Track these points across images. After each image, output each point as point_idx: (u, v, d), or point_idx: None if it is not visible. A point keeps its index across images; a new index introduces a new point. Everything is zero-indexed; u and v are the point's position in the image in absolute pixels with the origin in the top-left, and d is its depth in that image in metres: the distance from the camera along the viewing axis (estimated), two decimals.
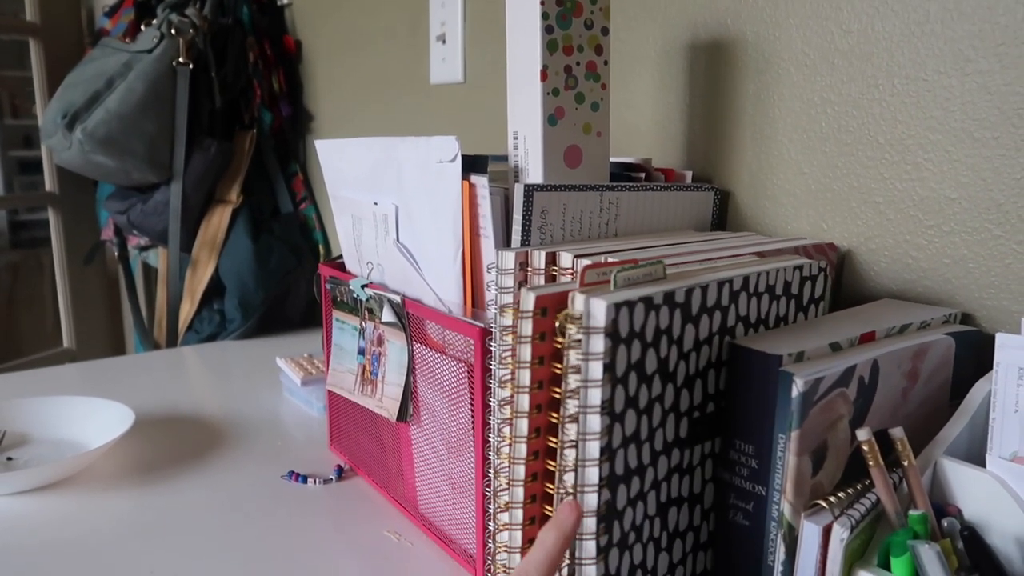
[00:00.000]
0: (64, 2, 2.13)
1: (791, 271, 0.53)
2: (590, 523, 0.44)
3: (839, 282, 0.69)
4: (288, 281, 1.41)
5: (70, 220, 2.13)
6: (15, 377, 1.13)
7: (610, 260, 0.53)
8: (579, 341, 0.42)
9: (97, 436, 0.86)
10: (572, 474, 0.43)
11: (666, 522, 0.48)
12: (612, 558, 0.45)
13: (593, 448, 0.42)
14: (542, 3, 0.63)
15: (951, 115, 0.60)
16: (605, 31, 0.67)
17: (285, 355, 1.11)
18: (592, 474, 0.43)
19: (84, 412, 0.90)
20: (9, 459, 0.83)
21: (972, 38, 0.58)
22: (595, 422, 0.42)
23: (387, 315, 0.71)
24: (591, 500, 0.43)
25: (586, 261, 0.55)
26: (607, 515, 0.44)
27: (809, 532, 0.44)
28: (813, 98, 0.69)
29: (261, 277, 1.37)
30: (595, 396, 0.42)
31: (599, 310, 0.41)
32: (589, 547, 0.44)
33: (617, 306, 0.41)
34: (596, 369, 0.42)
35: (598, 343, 0.41)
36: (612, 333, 0.41)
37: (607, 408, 0.42)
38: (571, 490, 0.43)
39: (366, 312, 0.75)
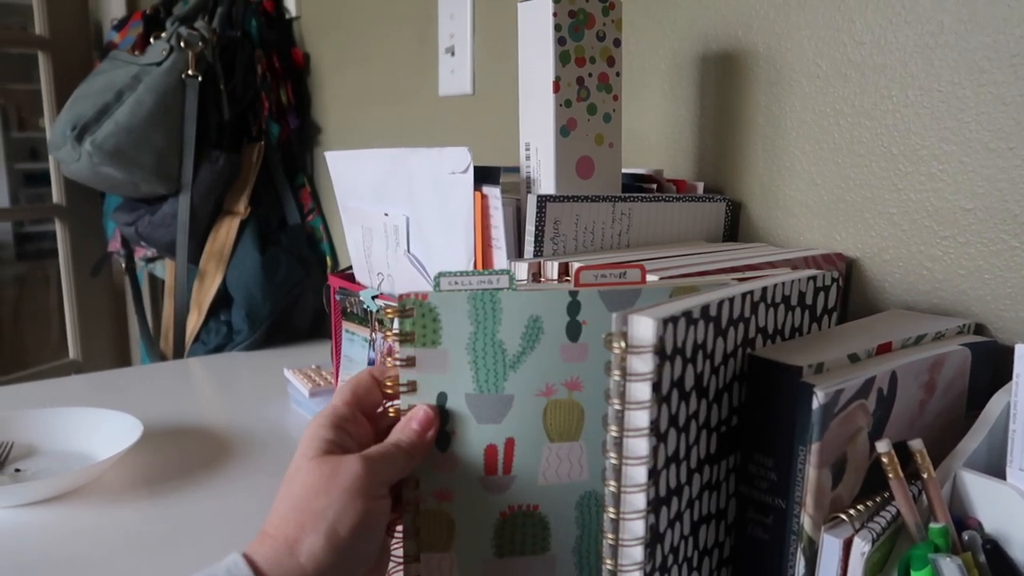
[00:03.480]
0: (72, 16, 2.14)
1: (805, 282, 0.53)
2: (636, 553, 0.42)
3: (847, 293, 0.69)
4: (295, 292, 1.41)
5: (77, 232, 2.13)
6: (22, 388, 1.12)
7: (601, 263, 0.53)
8: (626, 360, 0.40)
9: (105, 447, 0.86)
10: (614, 499, 0.41)
11: (697, 540, 0.47)
12: None
13: (640, 473, 0.41)
14: (554, 15, 0.63)
15: (966, 126, 0.59)
16: (617, 43, 0.67)
17: (292, 366, 1.10)
18: (639, 500, 0.41)
19: (92, 423, 0.89)
20: (17, 471, 0.83)
21: (986, 49, 0.58)
22: (642, 445, 0.40)
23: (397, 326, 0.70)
24: (638, 528, 0.41)
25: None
26: (652, 540, 0.42)
27: (829, 545, 0.44)
28: (825, 109, 0.69)
29: (268, 288, 1.37)
30: (643, 418, 0.40)
31: (647, 328, 0.39)
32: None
33: (666, 322, 0.40)
34: (644, 390, 0.40)
35: (647, 362, 0.40)
36: (660, 351, 0.40)
37: (654, 429, 0.41)
38: (613, 516, 0.42)
39: (376, 323, 0.75)
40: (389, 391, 0.46)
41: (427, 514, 0.47)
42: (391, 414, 0.46)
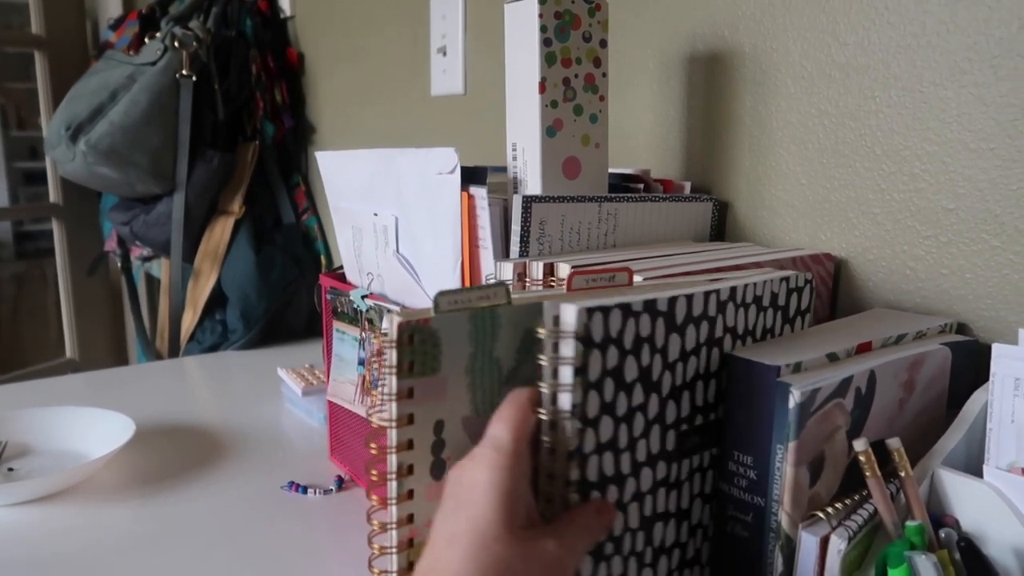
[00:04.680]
0: (69, 15, 2.14)
1: (778, 282, 0.53)
2: None
3: (836, 292, 0.69)
4: (290, 292, 1.41)
5: (74, 231, 2.14)
6: (17, 388, 1.13)
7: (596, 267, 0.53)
8: (552, 346, 0.41)
9: (98, 447, 0.86)
10: (547, 479, 0.42)
11: (651, 537, 0.47)
12: (585, 567, 0.43)
13: (562, 452, 0.42)
14: (540, 16, 0.64)
15: (947, 126, 0.60)
16: (603, 44, 0.68)
17: (286, 365, 1.11)
18: (560, 480, 0.42)
19: (85, 423, 0.90)
20: (10, 470, 0.83)
21: (967, 50, 0.58)
22: (566, 428, 0.41)
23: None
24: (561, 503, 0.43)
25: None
26: None
27: (807, 543, 0.44)
28: (810, 110, 0.70)
29: (263, 288, 1.38)
30: (565, 401, 0.41)
31: (569, 314, 0.41)
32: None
33: (590, 310, 0.41)
34: (566, 374, 0.41)
35: (568, 348, 0.41)
36: (584, 337, 0.41)
37: (577, 413, 0.41)
38: (549, 496, 0.42)
39: (366, 323, 0.75)
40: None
41: (421, 546, 0.45)
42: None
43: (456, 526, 0.37)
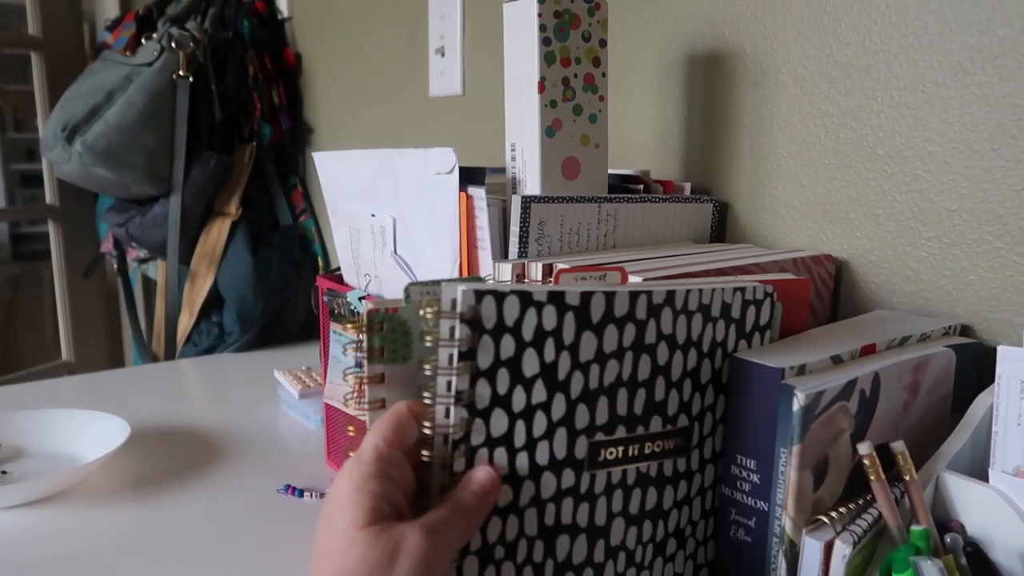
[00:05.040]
0: (66, 16, 2.14)
1: (731, 292, 0.48)
2: None
3: (837, 294, 0.69)
4: (287, 294, 1.41)
5: (70, 233, 2.13)
6: (12, 390, 1.12)
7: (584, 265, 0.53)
8: (439, 327, 0.39)
9: (93, 449, 0.85)
10: (428, 465, 0.40)
11: (553, 550, 0.43)
12: (469, 567, 0.41)
13: (440, 438, 0.40)
14: (539, 15, 0.63)
15: (950, 127, 0.59)
16: (603, 43, 0.67)
17: (283, 368, 1.10)
18: (440, 468, 0.40)
19: (80, 425, 0.89)
20: (3, 472, 0.82)
21: (970, 50, 0.58)
22: (452, 413, 0.40)
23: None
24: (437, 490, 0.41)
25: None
26: None
27: (810, 548, 0.44)
28: (811, 110, 0.69)
29: (260, 290, 1.37)
30: (450, 384, 0.39)
31: (458, 295, 0.39)
32: None
33: (479, 293, 0.39)
34: (447, 356, 0.39)
35: (450, 330, 0.39)
36: (471, 320, 0.39)
37: (463, 400, 0.39)
38: (431, 484, 0.40)
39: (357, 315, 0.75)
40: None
41: None
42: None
43: (320, 544, 0.37)
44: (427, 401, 0.40)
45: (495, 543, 0.42)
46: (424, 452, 0.40)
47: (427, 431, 0.40)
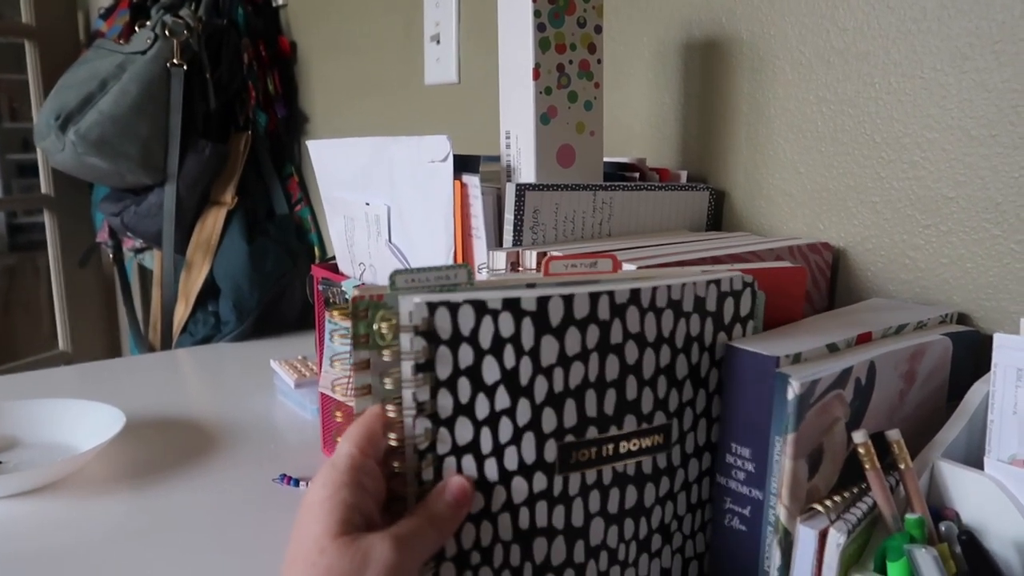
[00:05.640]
0: (60, 4, 2.12)
1: (703, 286, 0.47)
2: None
3: (834, 282, 0.68)
4: (283, 283, 1.40)
5: (66, 223, 2.12)
6: (7, 380, 1.12)
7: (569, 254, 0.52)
8: (395, 341, 0.40)
9: (88, 439, 0.85)
10: (398, 479, 0.41)
11: (531, 553, 0.43)
12: (446, 573, 0.41)
13: (410, 449, 0.40)
14: (534, 1, 0.63)
15: (948, 113, 0.59)
16: (598, 29, 0.67)
17: (279, 357, 1.10)
18: (412, 478, 0.41)
19: (75, 415, 0.89)
20: None
21: (969, 35, 0.57)
22: (417, 424, 0.40)
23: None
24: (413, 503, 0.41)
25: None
26: None
27: (805, 537, 0.44)
28: (809, 97, 0.69)
29: (256, 279, 1.36)
30: (408, 397, 0.40)
31: (411, 307, 0.39)
32: None
33: (432, 305, 0.39)
34: (408, 368, 0.39)
35: (409, 342, 0.39)
36: (427, 332, 0.39)
37: (426, 411, 0.40)
38: (402, 493, 0.40)
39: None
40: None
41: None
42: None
43: (293, 550, 0.38)
44: (391, 414, 0.40)
45: (470, 549, 0.42)
46: (395, 463, 0.41)
47: (393, 443, 0.40)
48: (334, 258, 0.84)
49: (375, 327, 0.40)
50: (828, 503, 0.45)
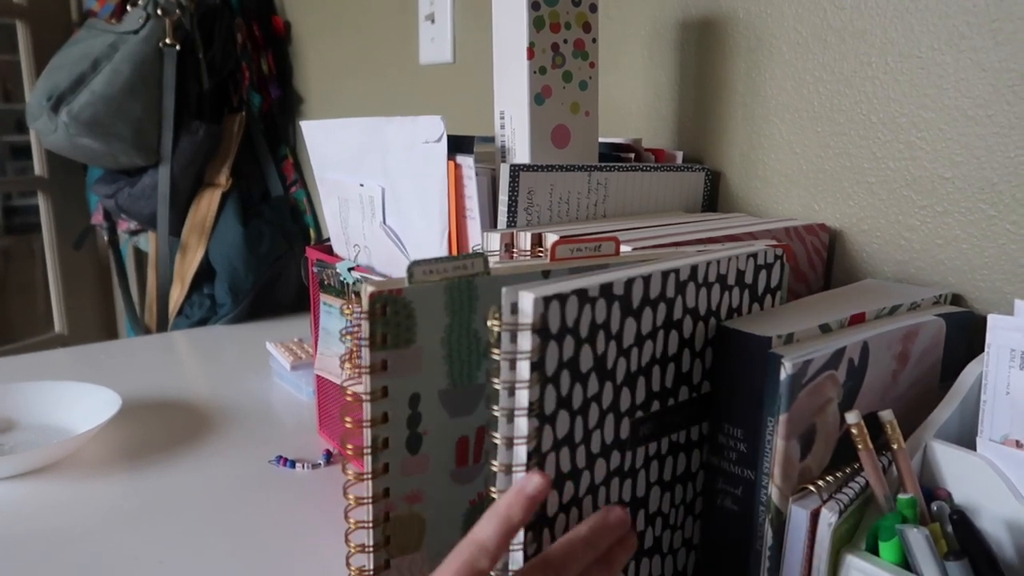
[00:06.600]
0: None
1: (744, 259, 0.49)
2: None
3: (830, 263, 0.68)
4: (278, 265, 1.40)
5: (60, 205, 2.11)
6: (3, 362, 1.12)
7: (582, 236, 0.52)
8: (504, 338, 0.38)
9: (84, 421, 0.85)
10: (500, 477, 0.40)
11: None
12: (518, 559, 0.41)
13: (520, 453, 0.39)
14: None
15: (945, 93, 0.59)
16: (593, 8, 0.66)
17: (275, 339, 1.10)
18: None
19: (71, 397, 0.89)
20: None
21: (966, 14, 0.57)
22: (523, 425, 0.38)
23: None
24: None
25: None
26: (536, 522, 0.40)
27: (797, 516, 0.44)
28: (805, 76, 0.68)
29: (251, 261, 1.36)
30: (523, 398, 0.38)
31: (527, 304, 0.37)
32: (517, 557, 0.40)
33: (547, 299, 0.37)
34: (524, 369, 0.38)
35: (525, 340, 0.37)
36: (541, 329, 0.37)
37: (535, 410, 0.39)
38: (495, 495, 0.39)
39: (353, 295, 0.74)
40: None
41: (397, 520, 0.45)
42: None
43: None
44: (495, 414, 0.39)
45: (552, 530, 0.42)
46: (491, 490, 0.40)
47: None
48: (328, 240, 0.84)
49: (488, 323, 0.38)
50: (820, 483, 0.45)
